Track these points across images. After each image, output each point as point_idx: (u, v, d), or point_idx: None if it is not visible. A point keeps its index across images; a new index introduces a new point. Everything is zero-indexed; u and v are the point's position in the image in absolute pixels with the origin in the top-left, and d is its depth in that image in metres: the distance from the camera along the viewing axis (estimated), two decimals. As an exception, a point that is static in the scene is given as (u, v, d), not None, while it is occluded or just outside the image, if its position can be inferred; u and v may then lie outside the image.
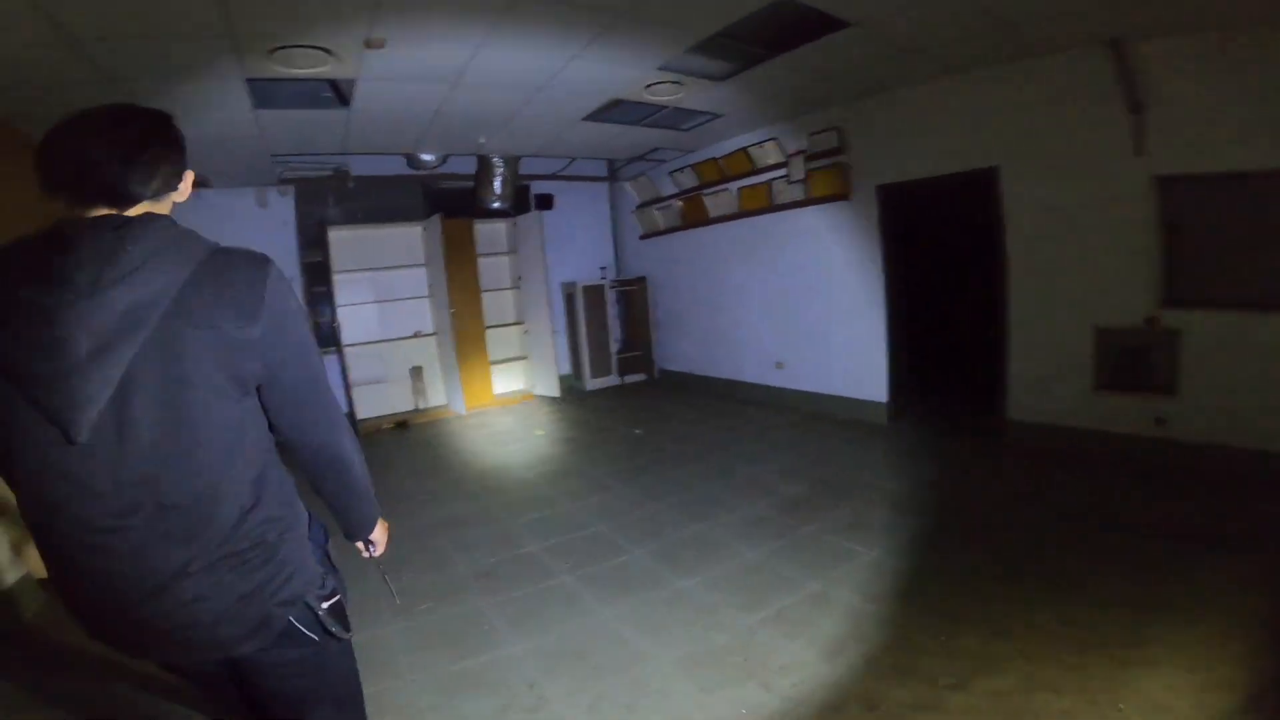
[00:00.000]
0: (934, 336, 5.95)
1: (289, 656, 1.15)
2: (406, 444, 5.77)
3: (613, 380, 7.70)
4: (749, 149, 5.75)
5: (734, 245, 6.30)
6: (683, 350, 7.41)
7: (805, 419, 5.40)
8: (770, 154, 5.62)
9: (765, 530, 3.24)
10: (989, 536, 2.96)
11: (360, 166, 6.18)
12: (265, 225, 6.15)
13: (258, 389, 1.06)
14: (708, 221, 6.50)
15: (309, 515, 1.21)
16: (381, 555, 1.42)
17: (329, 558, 1.25)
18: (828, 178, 5.15)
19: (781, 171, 5.56)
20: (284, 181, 6.04)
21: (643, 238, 7.65)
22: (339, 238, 6.24)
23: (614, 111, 4.86)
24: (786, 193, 5.55)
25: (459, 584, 2.93)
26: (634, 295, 7.84)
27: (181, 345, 0.93)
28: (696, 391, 6.98)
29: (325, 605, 1.15)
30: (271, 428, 1.11)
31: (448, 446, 5.57)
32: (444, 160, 6.05)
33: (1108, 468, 3.66)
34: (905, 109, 4.58)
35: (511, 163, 6.25)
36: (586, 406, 6.75)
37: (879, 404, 5.07)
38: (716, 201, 6.32)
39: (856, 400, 5.25)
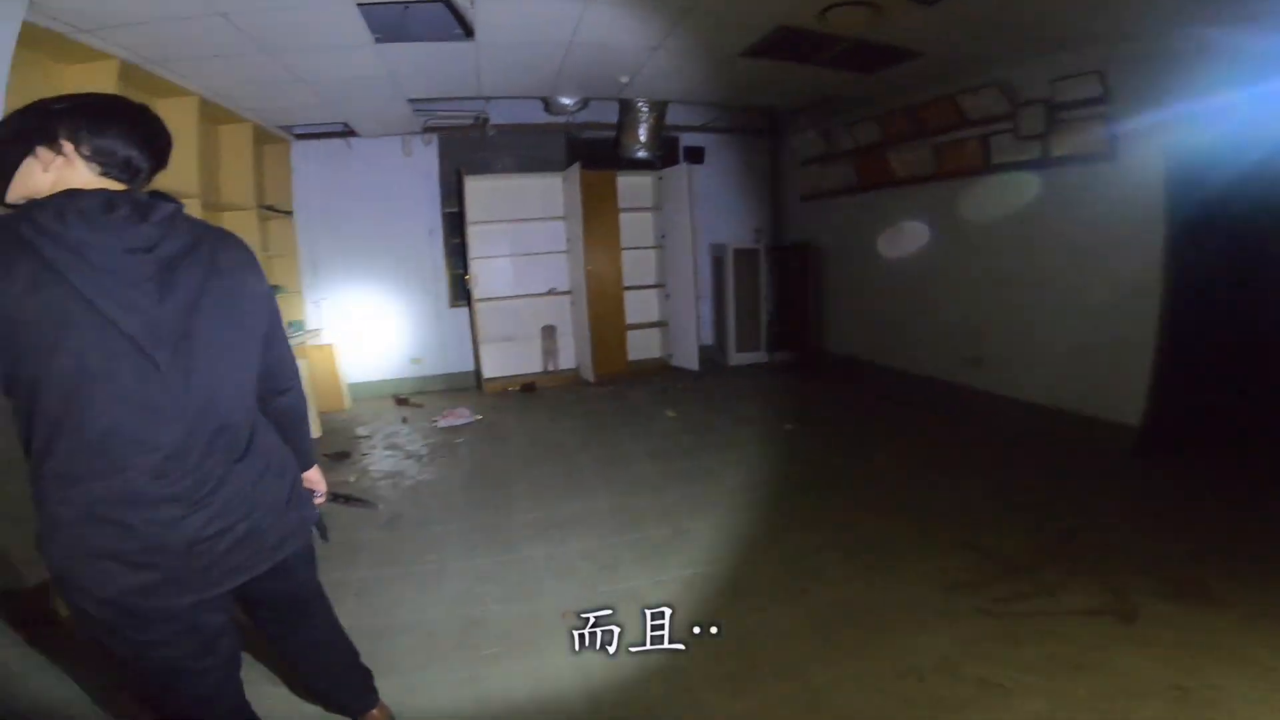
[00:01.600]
0: (1229, 343, 4.30)
1: (301, 561, 1.40)
2: (528, 410, 5.40)
3: (760, 356, 6.81)
4: (958, 96, 4.46)
5: (927, 212, 5.07)
6: (848, 330, 6.29)
7: (1007, 433, 4.18)
8: (989, 103, 4.30)
9: (967, 602, 2.30)
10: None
11: (501, 114, 5.80)
12: (410, 174, 6.02)
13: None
14: (894, 183, 5.30)
15: None
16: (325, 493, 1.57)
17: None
18: (1080, 132, 3.79)
19: (1004, 124, 4.24)
20: (428, 130, 5.80)
21: (806, 199, 6.57)
22: (476, 187, 5.91)
23: (780, 45, 3.88)
24: (1012, 150, 4.24)
25: (543, 620, 2.34)
26: (793, 263, 6.79)
27: (221, 295, 1.12)
28: (861, 380, 5.88)
29: (318, 512, 1.43)
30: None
31: (570, 417, 5.10)
32: (584, 105, 5.46)
33: None
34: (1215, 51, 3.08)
35: (657, 108, 5.49)
36: (728, 385, 5.96)
37: (1124, 427, 3.71)
38: (906, 159, 5.09)
39: (1088, 418, 3.92)
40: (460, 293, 6.23)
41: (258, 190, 5.05)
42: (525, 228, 6.25)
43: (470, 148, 6.06)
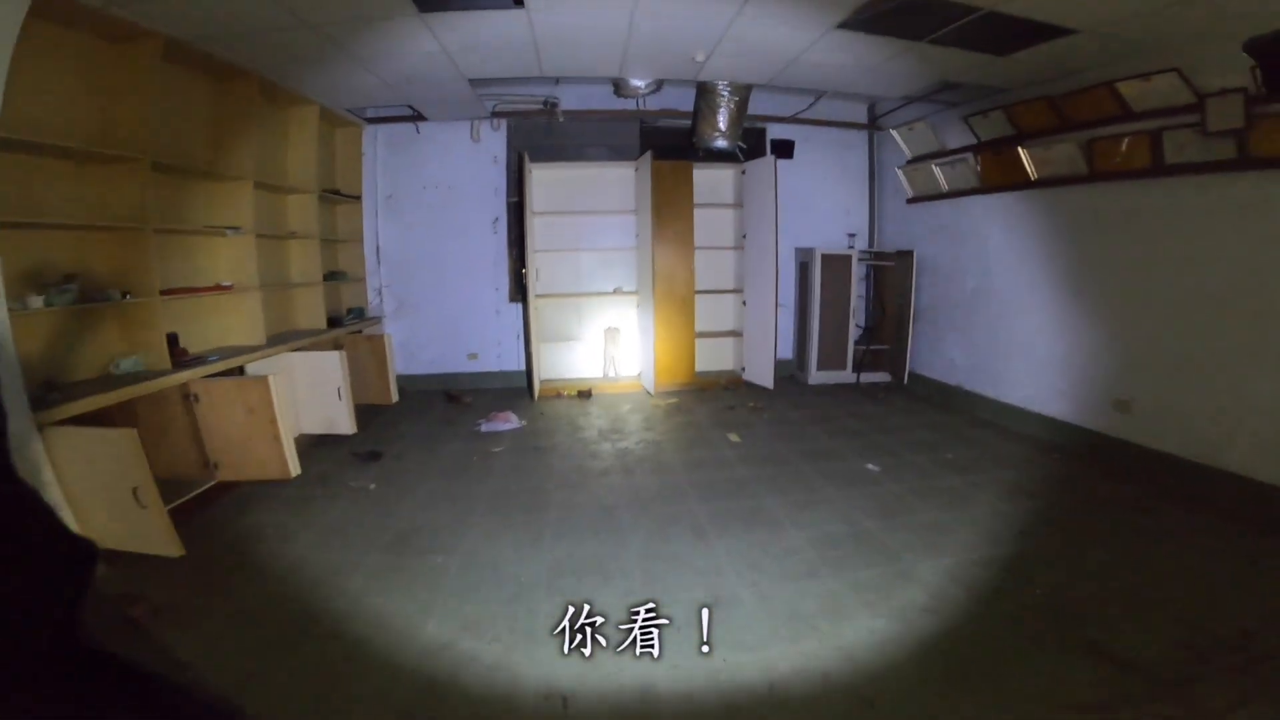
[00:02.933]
0: None
1: None
2: (578, 419, 4.98)
3: (845, 376, 6.07)
4: (1118, 84, 3.62)
5: (1067, 219, 4.20)
6: (951, 354, 5.45)
7: (1160, 499, 3.28)
8: (1165, 91, 3.43)
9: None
10: None
11: (572, 100, 5.49)
12: (477, 162, 5.81)
13: None
14: (1025, 184, 4.47)
15: None
16: None
17: None
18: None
19: (1183, 118, 3.37)
20: (496, 115, 5.53)
21: (912, 201, 5.76)
22: (541, 175, 5.57)
23: (887, 16, 3.23)
24: (1193, 149, 3.37)
25: (516, 702, 1.88)
26: (890, 274, 6.02)
27: None
28: (963, 413, 5.04)
29: None
30: None
31: (620, 433, 4.63)
32: (657, 87, 5.02)
33: None
34: None
35: (739, 93, 4.93)
36: (805, 407, 5.30)
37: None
38: (1045, 157, 4.26)
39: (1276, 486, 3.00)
40: (520, 287, 5.94)
41: (321, 173, 4.93)
42: (592, 220, 5.88)
43: (539, 134, 5.77)
